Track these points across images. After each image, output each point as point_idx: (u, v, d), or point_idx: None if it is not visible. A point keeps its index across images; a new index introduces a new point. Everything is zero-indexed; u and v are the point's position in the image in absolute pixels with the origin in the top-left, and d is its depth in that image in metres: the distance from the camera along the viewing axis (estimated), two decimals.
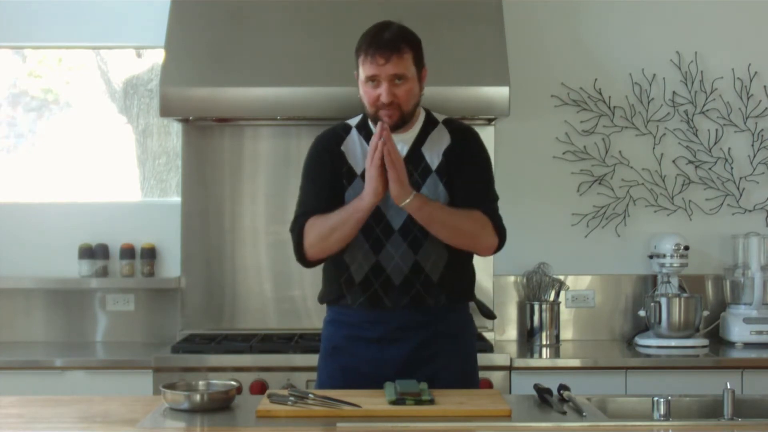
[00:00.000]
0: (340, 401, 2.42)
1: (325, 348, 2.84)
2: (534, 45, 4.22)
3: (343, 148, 2.79)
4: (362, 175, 2.72)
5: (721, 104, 4.24)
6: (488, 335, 3.96)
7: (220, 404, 2.48)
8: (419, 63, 2.73)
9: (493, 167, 2.88)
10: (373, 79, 2.67)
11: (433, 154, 2.77)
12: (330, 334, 2.81)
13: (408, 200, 2.60)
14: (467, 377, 2.81)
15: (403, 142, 2.76)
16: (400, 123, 2.72)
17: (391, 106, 2.67)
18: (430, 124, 2.81)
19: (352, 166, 2.77)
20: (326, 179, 2.77)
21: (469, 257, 2.86)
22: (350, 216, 2.66)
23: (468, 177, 2.77)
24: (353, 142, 2.80)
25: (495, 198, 2.83)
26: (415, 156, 2.77)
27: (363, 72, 2.69)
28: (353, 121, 2.85)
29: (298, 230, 2.75)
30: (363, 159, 2.75)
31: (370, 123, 2.78)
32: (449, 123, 2.84)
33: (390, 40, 2.66)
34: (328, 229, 2.69)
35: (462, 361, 2.79)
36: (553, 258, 4.14)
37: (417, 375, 2.63)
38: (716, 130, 4.25)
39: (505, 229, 2.79)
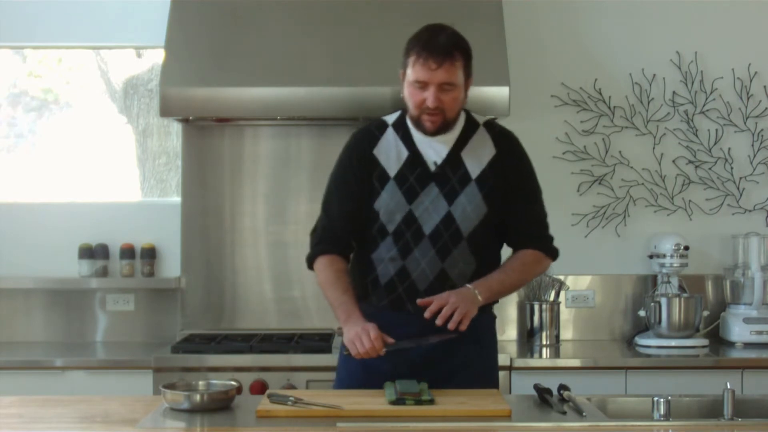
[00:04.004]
0: (319, 404, 2.42)
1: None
2: (534, 45, 4.22)
3: (375, 151, 2.76)
4: (396, 178, 2.73)
5: (721, 104, 4.24)
6: None
7: (220, 404, 2.48)
8: (468, 71, 2.70)
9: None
10: (421, 83, 2.64)
11: (475, 162, 2.75)
12: None
13: (480, 300, 2.66)
14: (486, 377, 2.79)
15: (443, 144, 2.75)
16: (443, 128, 2.71)
17: (435, 112, 2.65)
18: (470, 126, 2.79)
19: (385, 168, 2.75)
20: (352, 189, 2.77)
21: (497, 265, 2.83)
22: (332, 306, 2.75)
23: (521, 201, 2.80)
24: (388, 142, 2.77)
25: (546, 216, 2.87)
26: (453, 160, 2.74)
27: (412, 74, 2.64)
28: (390, 119, 2.82)
29: (312, 253, 2.83)
30: (397, 160, 2.74)
31: (409, 122, 2.76)
32: (490, 127, 2.82)
33: (444, 46, 2.63)
34: (323, 289, 2.79)
35: (482, 361, 2.78)
36: None
37: (436, 372, 2.63)
38: (716, 130, 4.25)
39: (557, 250, 2.86)
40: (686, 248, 4.02)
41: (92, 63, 4.33)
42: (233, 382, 2.63)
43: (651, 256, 4.12)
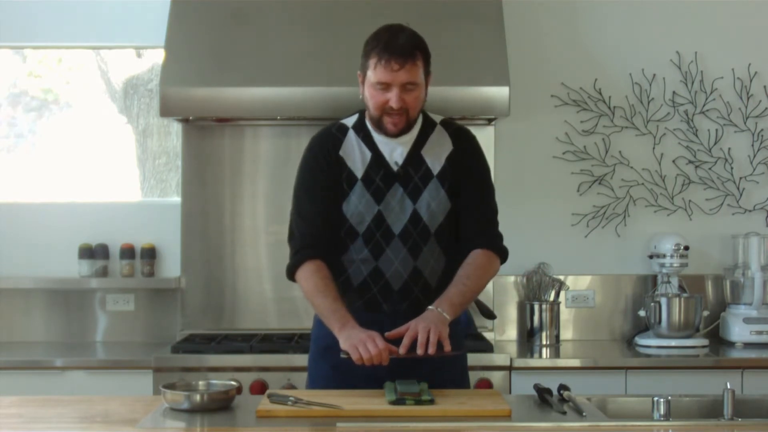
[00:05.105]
0: (318, 404, 2.42)
1: (317, 348, 2.82)
2: (534, 45, 4.22)
3: (341, 152, 2.75)
4: (363, 179, 2.72)
5: (721, 104, 4.24)
6: (488, 335, 3.96)
7: (220, 404, 2.48)
8: (428, 70, 2.72)
9: (491, 169, 2.89)
10: (383, 84, 2.64)
11: (435, 159, 2.76)
12: (323, 333, 2.75)
13: (448, 318, 2.63)
14: (458, 380, 2.80)
15: (403, 144, 2.76)
16: (405, 129, 2.72)
17: (399, 112, 2.66)
18: (428, 125, 2.80)
19: (352, 170, 2.74)
20: (324, 190, 2.74)
21: (460, 263, 2.84)
22: (323, 315, 2.70)
23: (474, 197, 2.78)
24: (351, 144, 2.77)
25: (496, 211, 2.85)
26: (414, 159, 2.76)
27: (374, 76, 2.64)
28: (349, 122, 2.82)
29: (294, 262, 2.76)
30: (362, 162, 2.74)
31: (369, 124, 2.77)
32: (447, 125, 2.83)
33: (405, 47, 2.63)
34: (311, 298, 2.73)
35: (454, 366, 2.78)
36: (553, 258, 4.14)
37: (410, 375, 2.62)
38: (716, 130, 4.25)
39: (506, 249, 2.82)
40: (686, 248, 4.02)
41: (92, 63, 4.33)
42: (233, 382, 2.63)
43: (651, 256, 4.12)
